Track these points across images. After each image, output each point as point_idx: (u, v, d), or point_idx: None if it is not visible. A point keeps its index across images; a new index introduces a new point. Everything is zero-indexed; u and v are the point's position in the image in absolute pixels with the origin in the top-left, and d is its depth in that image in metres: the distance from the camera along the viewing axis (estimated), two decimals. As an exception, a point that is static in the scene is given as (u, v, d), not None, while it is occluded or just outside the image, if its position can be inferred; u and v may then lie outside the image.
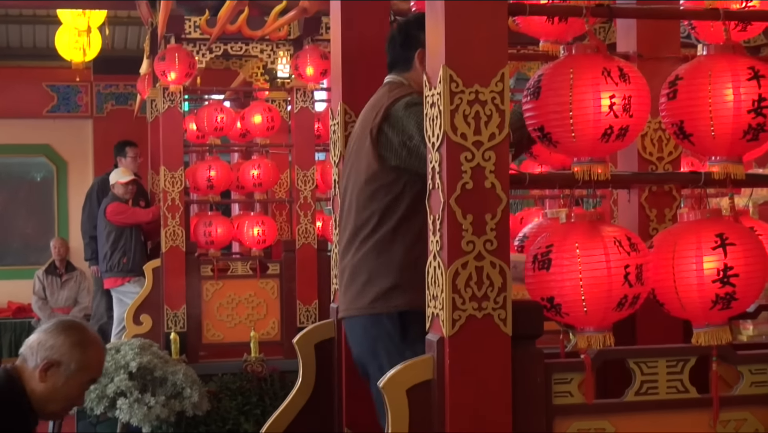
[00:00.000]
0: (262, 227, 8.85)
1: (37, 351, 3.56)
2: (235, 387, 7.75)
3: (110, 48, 13.30)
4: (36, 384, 3.55)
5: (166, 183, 8.64)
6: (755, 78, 3.13)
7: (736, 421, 3.19)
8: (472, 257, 2.97)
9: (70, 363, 3.55)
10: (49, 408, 3.65)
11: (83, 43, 11.83)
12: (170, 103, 8.71)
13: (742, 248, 3.13)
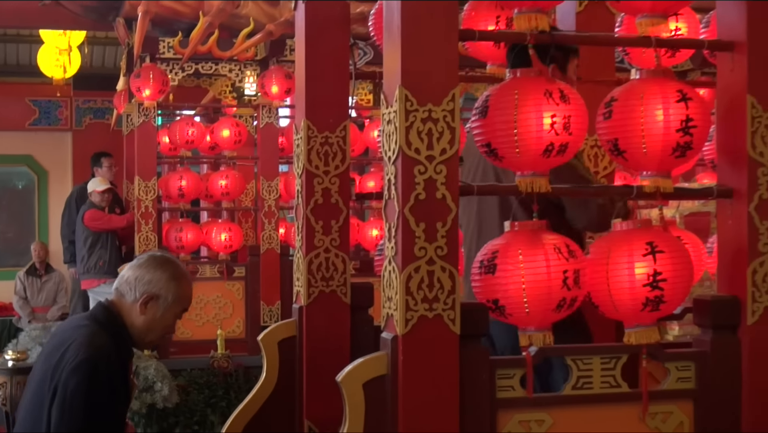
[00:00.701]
0: (229, 233, 8.84)
1: (136, 286, 3.54)
2: (202, 381, 7.70)
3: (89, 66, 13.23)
4: (136, 317, 3.54)
5: (140, 192, 8.62)
6: (683, 100, 3.16)
7: (663, 414, 3.21)
8: (424, 262, 2.97)
9: (168, 295, 3.55)
10: (148, 338, 3.65)
11: (64, 61, 11.79)
12: (144, 117, 8.69)
13: (670, 255, 3.15)
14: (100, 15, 8.35)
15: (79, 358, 3.33)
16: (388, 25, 3.14)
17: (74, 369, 3.31)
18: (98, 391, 3.33)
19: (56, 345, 3.52)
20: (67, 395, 3.30)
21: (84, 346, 3.38)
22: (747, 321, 3.23)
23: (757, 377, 3.25)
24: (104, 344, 3.42)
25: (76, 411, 3.30)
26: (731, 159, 3.31)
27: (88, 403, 3.31)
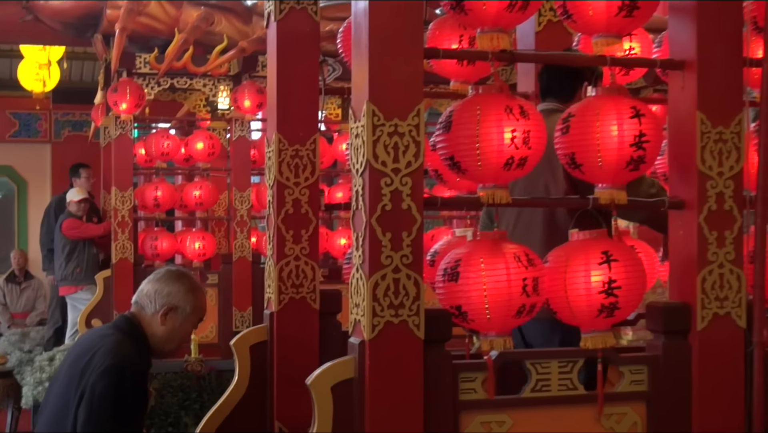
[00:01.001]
0: (202, 242, 8.82)
1: (155, 299, 3.66)
2: (176, 385, 7.66)
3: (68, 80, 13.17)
4: (156, 327, 3.66)
5: (116, 202, 8.57)
6: (636, 116, 3.19)
7: (618, 415, 3.23)
8: (390, 270, 2.98)
9: (186, 307, 3.67)
10: (167, 347, 3.75)
11: (43, 76, 11.73)
12: (121, 130, 8.65)
13: (624, 263, 3.18)
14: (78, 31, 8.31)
15: (106, 363, 3.45)
16: (356, 43, 3.15)
17: (102, 373, 3.43)
18: (124, 394, 3.46)
19: (81, 352, 3.63)
20: (95, 398, 3.41)
21: (111, 352, 3.50)
22: (697, 327, 3.25)
23: (706, 380, 3.27)
24: (130, 351, 3.56)
25: (104, 413, 3.42)
26: (682, 172, 3.34)
27: (115, 405, 3.43)
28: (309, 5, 4.09)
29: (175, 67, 8.08)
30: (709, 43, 3.29)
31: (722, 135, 3.27)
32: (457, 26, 4.09)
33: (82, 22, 8.11)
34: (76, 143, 13.90)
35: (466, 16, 3.22)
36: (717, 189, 3.26)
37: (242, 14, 8.23)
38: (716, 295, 3.26)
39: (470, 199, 3.31)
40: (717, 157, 3.27)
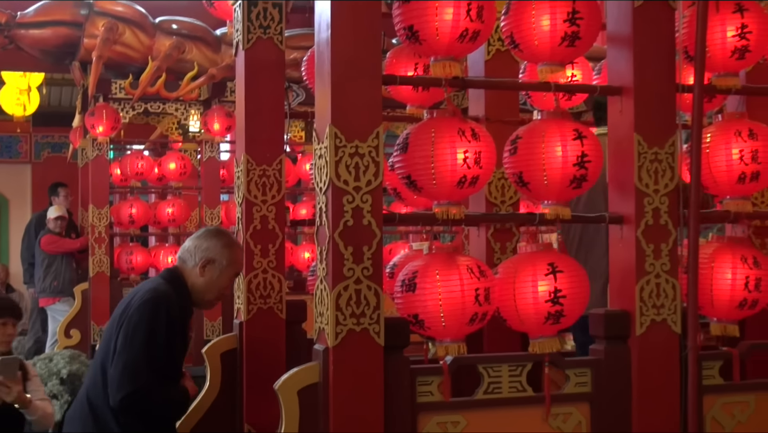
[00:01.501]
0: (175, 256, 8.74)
1: (195, 253, 3.77)
2: (151, 390, 7.61)
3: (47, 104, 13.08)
4: (196, 279, 3.76)
5: (94, 219, 8.52)
6: (579, 138, 3.21)
7: (564, 414, 3.24)
8: (352, 282, 2.98)
9: (222, 260, 3.74)
10: (206, 297, 3.82)
11: (24, 100, 11.65)
12: (98, 151, 8.60)
13: (568, 274, 3.20)
14: (57, 59, 8.23)
15: (144, 298, 3.63)
16: (319, 70, 3.15)
17: (138, 306, 3.60)
18: (157, 326, 3.57)
19: (127, 300, 3.77)
20: (131, 327, 3.55)
21: (150, 291, 3.68)
22: (636, 332, 3.27)
23: (645, 382, 3.29)
24: (166, 291, 3.69)
25: (139, 339, 3.53)
26: (621, 190, 3.36)
27: (149, 333, 3.54)
28: (275, 35, 4.08)
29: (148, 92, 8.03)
30: (644, 70, 3.32)
31: (657, 155, 3.31)
32: (412, 55, 4.11)
33: (61, 50, 8.03)
34: (55, 164, 13.80)
35: (421, 45, 3.24)
36: (653, 205, 3.29)
37: (212, 43, 8.20)
38: (653, 303, 3.28)
39: (426, 215, 3.32)
40: (653, 175, 3.30)
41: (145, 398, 3.52)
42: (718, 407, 3.42)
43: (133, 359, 3.49)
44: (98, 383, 3.61)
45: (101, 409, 3.58)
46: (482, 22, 3.19)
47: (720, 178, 3.50)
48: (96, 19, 7.80)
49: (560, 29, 3.25)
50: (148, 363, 3.51)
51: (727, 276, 3.43)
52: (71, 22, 7.84)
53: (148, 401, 3.55)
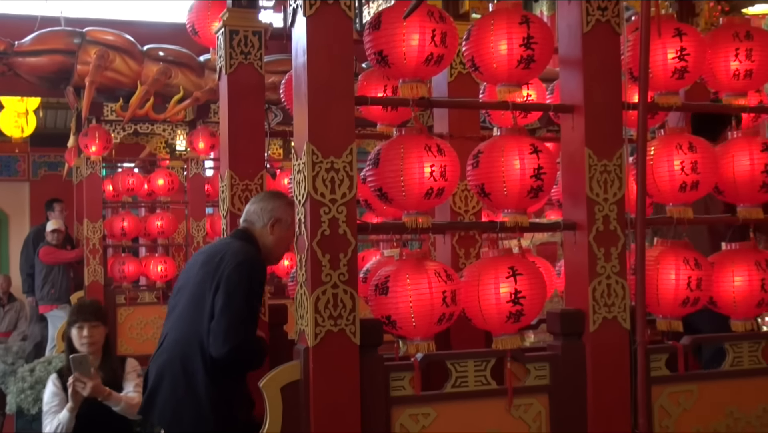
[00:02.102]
0: (164, 265, 8.70)
1: (262, 214, 3.79)
2: (143, 388, 7.54)
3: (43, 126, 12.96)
4: (266, 238, 3.80)
5: (88, 232, 8.46)
6: (535, 152, 3.23)
7: (525, 405, 3.25)
8: (329, 286, 2.98)
9: (287, 218, 3.72)
10: (275, 254, 3.89)
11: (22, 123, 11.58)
12: (92, 169, 8.54)
13: (528, 277, 3.21)
14: (52, 84, 8.19)
15: (239, 259, 3.64)
16: (297, 92, 3.15)
17: (236, 267, 3.61)
18: (255, 283, 3.65)
19: (210, 255, 3.79)
20: (231, 286, 3.57)
21: (241, 252, 3.68)
22: (589, 329, 3.29)
23: (598, 374, 3.31)
24: (254, 251, 3.75)
25: (240, 296, 3.56)
26: (573, 199, 3.39)
27: (249, 291, 3.60)
28: (255, 61, 4.08)
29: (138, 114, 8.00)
30: (593, 90, 3.35)
31: (606, 167, 3.33)
32: (382, 78, 4.11)
33: (56, 76, 8.00)
34: (52, 181, 13.72)
35: (390, 69, 3.25)
36: (603, 212, 3.32)
37: (196, 69, 8.18)
38: (605, 302, 3.30)
39: (396, 224, 3.32)
40: (602, 185, 3.32)
41: (248, 349, 3.59)
42: (665, 396, 3.44)
43: (239, 315, 3.54)
44: (191, 338, 3.64)
45: (192, 361, 3.61)
46: (446, 47, 3.21)
47: (663, 188, 3.53)
48: (88, 47, 7.79)
49: (516, 53, 3.27)
50: (250, 318, 3.60)
51: (671, 277, 3.45)
52: (65, 50, 7.82)
53: (250, 351, 3.61)
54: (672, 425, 3.44)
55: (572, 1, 3.37)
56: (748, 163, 3.60)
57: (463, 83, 4.33)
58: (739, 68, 3.65)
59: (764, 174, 3.59)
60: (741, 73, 3.66)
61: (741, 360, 3.59)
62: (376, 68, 3.41)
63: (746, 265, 3.57)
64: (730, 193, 3.70)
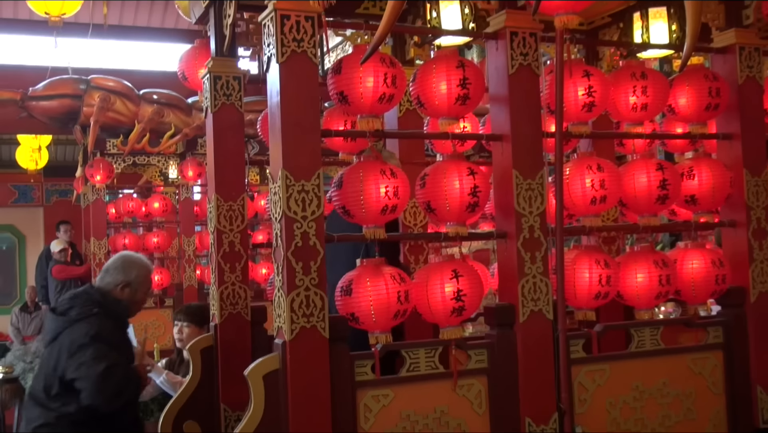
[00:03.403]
0: (160, 275, 8.64)
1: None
2: (143, 381, 7.44)
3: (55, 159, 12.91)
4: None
5: (95, 248, 8.42)
6: (471, 174, 3.25)
7: (467, 385, 3.25)
8: (302, 289, 2.96)
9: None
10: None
11: (36, 157, 11.55)
12: (97, 195, 8.51)
13: (467, 278, 3.22)
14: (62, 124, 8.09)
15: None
16: (272, 127, 3.14)
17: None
18: None
19: None
20: None
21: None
22: (519, 320, 3.30)
23: (528, 357, 3.32)
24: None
25: None
26: (504, 212, 3.40)
27: None
28: (236, 101, 4.06)
29: (136, 148, 7.99)
30: (518, 122, 3.38)
31: (530, 185, 3.36)
32: (342, 114, 4.12)
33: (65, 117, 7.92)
34: (62, 206, 13.58)
35: (349, 106, 3.25)
36: (528, 223, 3.34)
37: (185, 109, 8.14)
38: (531, 297, 3.32)
39: (357, 236, 3.31)
40: (527, 201, 3.34)
41: None
42: (583, 374, 3.47)
43: None
44: None
45: None
46: (396, 87, 3.22)
47: (577, 202, 3.56)
48: (93, 92, 7.75)
49: (454, 92, 3.29)
50: None
51: (585, 275, 3.48)
52: (73, 94, 7.76)
53: None
54: (589, 398, 3.47)
55: (499, 49, 3.40)
56: (645, 180, 3.65)
57: (410, 117, 4.36)
58: (636, 102, 3.71)
59: (660, 189, 3.64)
60: (638, 106, 3.72)
61: (644, 343, 3.62)
62: (337, 106, 3.41)
63: (647, 264, 3.61)
64: (632, 205, 3.74)
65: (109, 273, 3.66)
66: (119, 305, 3.59)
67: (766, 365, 3.79)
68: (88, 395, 3.27)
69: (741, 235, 3.84)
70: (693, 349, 3.73)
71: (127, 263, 3.71)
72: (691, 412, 3.66)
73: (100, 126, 7.80)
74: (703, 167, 3.82)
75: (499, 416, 3.27)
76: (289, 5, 3.01)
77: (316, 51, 3.07)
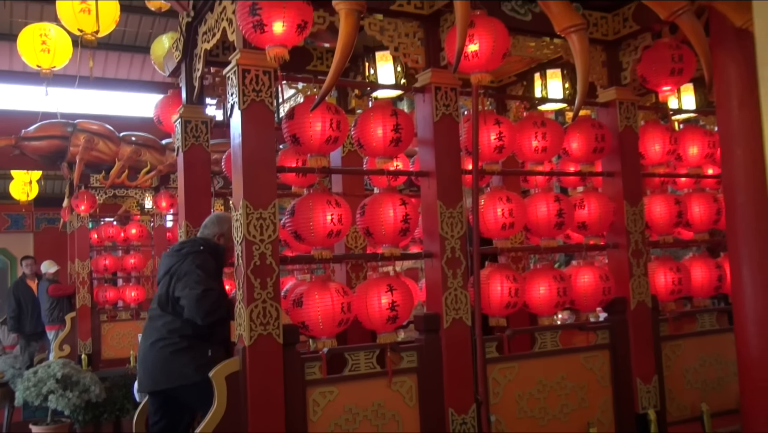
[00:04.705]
0: (136, 291, 8.41)
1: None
2: (121, 383, 7.18)
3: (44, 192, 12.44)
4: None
5: (79, 268, 8.11)
6: (403, 204, 3.26)
7: (401, 382, 3.23)
8: (260, 302, 2.91)
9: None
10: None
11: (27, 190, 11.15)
12: (81, 223, 8.23)
13: (400, 291, 3.22)
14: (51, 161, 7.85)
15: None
16: (234, 164, 3.09)
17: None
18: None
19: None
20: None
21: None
22: (444, 327, 3.31)
23: (450, 358, 3.32)
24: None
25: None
26: (430, 236, 3.41)
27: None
28: (203, 142, 3.99)
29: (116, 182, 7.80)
30: (442, 161, 3.40)
31: (452, 214, 3.38)
32: (295, 153, 4.08)
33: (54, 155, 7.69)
34: (51, 233, 13.15)
35: (301, 147, 3.23)
36: (450, 245, 3.35)
37: (159, 149, 7.98)
38: (453, 307, 3.33)
39: (307, 257, 3.28)
40: (450, 227, 3.36)
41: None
42: (496, 371, 3.48)
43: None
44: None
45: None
46: (340, 131, 3.21)
47: (491, 227, 3.60)
48: (79, 134, 7.56)
49: (389, 136, 3.30)
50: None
51: (497, 288, 3.52)
52: (61, 136, 7.56)
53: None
54: (501, 391, 3.48)
55: (425, 100, 3.43)
56: (545, 210, 3.72)
57: (352, 157, 4.36)
58: (537, 146, 3.78)
59: (557, 217, 3.70)
60: (539, 149, 3.79)
61: (545, 344, 3.65)
62: (291, 147, 3.38)
63: (547, 279, 3.66)
64: (534, 230, 3.79)
65: (208, 227, 3.63)
66: (218, 248, 3.55)
67: (644, 361, 3.87)
68: (188, 310, 3.24)
69: (622, 255, 3.92)
70: (585, 349, 3.78)
71: (221, 219, 3.67)
72: (584, 401, 3.70)
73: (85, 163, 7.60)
74: (592, 199, 3.91)
75: (427, 408, 3.26)
76: (249, 61, 2.99)
77: (273, 100, 3.06)
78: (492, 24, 3.11)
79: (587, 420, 3.68)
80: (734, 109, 3.14)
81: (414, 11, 3.37)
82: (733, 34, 3.13)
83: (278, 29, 2.80)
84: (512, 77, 4.87)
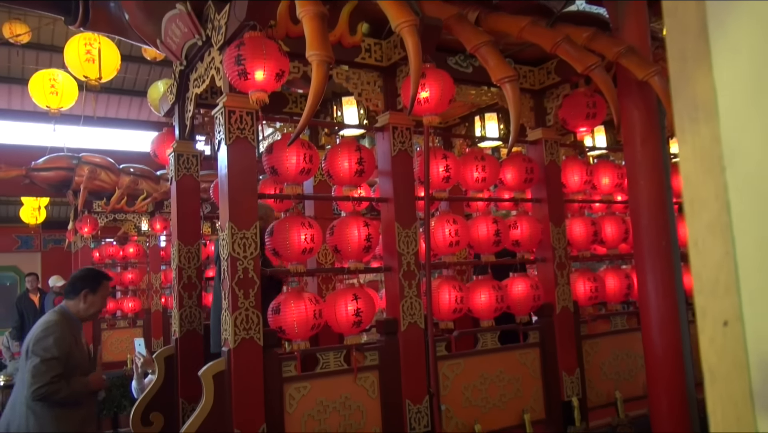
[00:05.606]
0: (133, 302, 8.20)
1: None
2: (119, 383, 6.97)
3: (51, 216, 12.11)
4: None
5: (82, 283, 7.87)
6: (366, 226, 3.25)
7: (365, 378, 3.20)
8: (243, 310, 2.86)
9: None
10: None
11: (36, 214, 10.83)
12: (84, 243, 8.05)
13: (364, 300, 3.20)
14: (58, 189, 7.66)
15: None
16: (221, 192, 3.06)
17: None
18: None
19: None
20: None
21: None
22: (401, 330, 3.30)
23: (406, 357, 3.30)
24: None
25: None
26: (390, 252, 3.41)
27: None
28: (194, 173, 3.94)
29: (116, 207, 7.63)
30: (399, 189, 3.42)
31: (408, 234, 3.39)
32: (273, 182, 4.06)
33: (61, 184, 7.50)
34: (57, 252, 12.78)
35: (278, 177, 3.21)
36: (407, 260, 3.36)
37: (154, 179, 7.86)
38: (410, 312, 3.33)
39: (284, 270, 3.25)
40: (405, 244, 3.37)
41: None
42: (446, 367, 3.48)
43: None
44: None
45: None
46: (312, 164, 3.20)
47: (440, 245, 3.61)
48: (83, 166, 7.41)
49: (353, 167, 3.31)
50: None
51: (446, 296, 3.53)
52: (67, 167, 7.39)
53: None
54: (450, 384, 3.48)
55: (384, 138, 3.45)
56: (485, 230, 3.75)
57: (322, 185, 4.35)
58: (478, 176, 3.82)
59: (495, 236, 3.74)
60: (480, 179, 3.84)
61: (486, 343, 3.68)
62: (270, 177, 3.36)
63: (487, 288, 3.68)
64: (476, 247, 3.82)
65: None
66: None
67: (568, 356, 3.92)
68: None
69: (549, 268, 3.98)
70: (520, 346, 3.81)
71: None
72: (519, 391, 3.72)
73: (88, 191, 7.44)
74: (523, 221, 3.97)
75: (387, 400, 3.24)
76: (234, 104, 2.97)
77: (254, 137, 3.04)
78: (440, 75, 3.16)
79: (522, 407, 3.70)
80: (638, 147, 3.24)
81: (375, 63, 3.40)
82: (636, 86, 3.25)
83: (260, 77, 2.80)
84: (456, 119, 4.95)
